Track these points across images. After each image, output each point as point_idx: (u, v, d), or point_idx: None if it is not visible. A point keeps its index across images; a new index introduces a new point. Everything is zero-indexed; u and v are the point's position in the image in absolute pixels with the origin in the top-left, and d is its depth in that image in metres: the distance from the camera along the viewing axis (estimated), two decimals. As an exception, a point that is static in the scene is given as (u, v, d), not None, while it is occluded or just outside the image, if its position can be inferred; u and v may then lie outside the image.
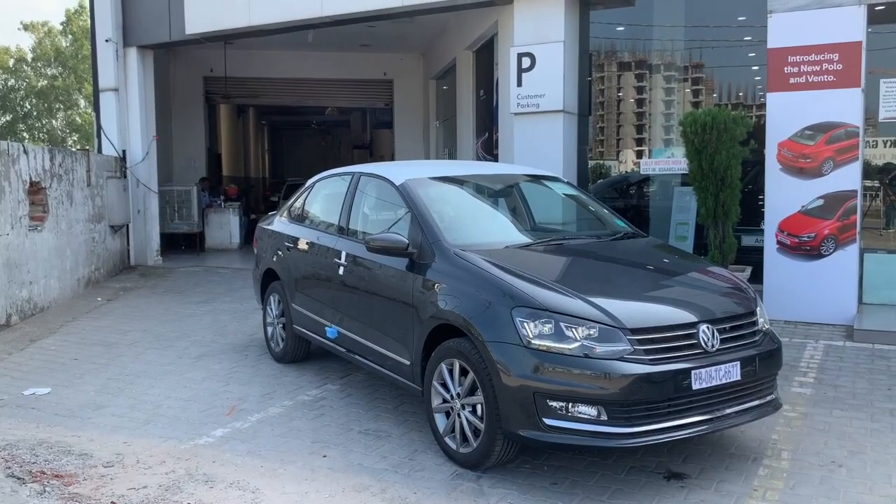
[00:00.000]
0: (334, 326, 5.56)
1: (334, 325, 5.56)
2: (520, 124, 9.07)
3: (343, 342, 5.51)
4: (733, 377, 3.97)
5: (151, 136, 12.53)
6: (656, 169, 9.31)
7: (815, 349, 6.51)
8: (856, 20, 7.03)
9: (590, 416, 3.77)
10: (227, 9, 10.98)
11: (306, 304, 5.98)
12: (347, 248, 5.45)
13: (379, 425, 4.96)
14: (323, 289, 5.77)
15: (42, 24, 41.38)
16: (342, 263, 5.43)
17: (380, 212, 5.59)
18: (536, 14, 8.84)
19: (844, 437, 4.62)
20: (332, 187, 6.24)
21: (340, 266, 5.44)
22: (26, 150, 8.81)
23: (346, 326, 5.44)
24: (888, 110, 7.22)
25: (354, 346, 5.37)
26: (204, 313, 8.74)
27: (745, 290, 4.57)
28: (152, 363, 6.63)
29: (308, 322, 5.96)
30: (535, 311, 3.92)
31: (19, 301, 8.37)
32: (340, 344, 5.55)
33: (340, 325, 5.51)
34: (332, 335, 5.57)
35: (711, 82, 10.11)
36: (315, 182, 6.58)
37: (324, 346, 5.86)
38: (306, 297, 6.00)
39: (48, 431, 4.96)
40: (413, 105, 17.08)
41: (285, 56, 16.12)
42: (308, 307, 5.95)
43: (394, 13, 10.06)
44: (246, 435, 4.86)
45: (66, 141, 42.26)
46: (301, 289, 6.08)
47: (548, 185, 6.03)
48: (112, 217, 11.41)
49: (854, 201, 7.18)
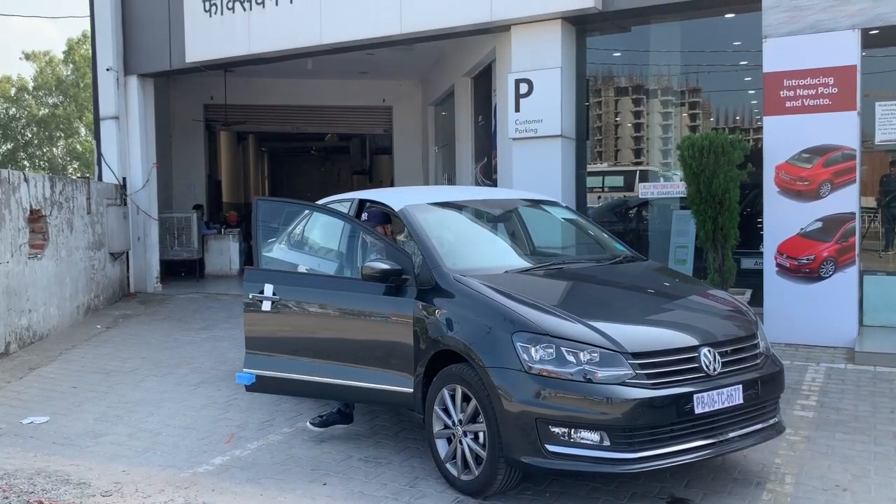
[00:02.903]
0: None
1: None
2: (518, 149, 9.12)
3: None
4: (735, 401, 3.96)
5: (152, 164, 12.58)
6: (654, 193, 9.34)
7: (817, 372, 6.49)
8: (850, 44, 7.10)
9: (592, 442, 3.75)
10: (228, 37, 11.08)
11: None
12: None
13: (379, 452, 4.93)
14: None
15: (44, 54, 41.69)
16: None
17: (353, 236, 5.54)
18: (533, 41, 8.93)
19: (848, 460, 4.59)
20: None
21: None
22: (27, 178, 8.84)
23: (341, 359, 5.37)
24: (884, 133, 7.26)
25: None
26: (203, 340, 8.71)
27: (745, 313, 4.57)
28: (151, 391, 6.60)
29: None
30: (535, 336, 3.92)
31: (18, 329, 8.35)
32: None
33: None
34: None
35: (708, 106, 10.18)
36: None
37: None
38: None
39: (46, 460, 4.93)
40: (412, 131, 17.16)
41: (285, 83, 16.23)
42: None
43: (392, 41, 10.15)
44: (245, 463, 4.82)
45: (67, 169, 42.39)
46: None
47: (547, 210, 6.04)
48: (112, 244, 11.42)
49: (852, 223, 7.19)
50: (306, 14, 10.32)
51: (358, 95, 16.93)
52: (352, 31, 10.08)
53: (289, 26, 10.49)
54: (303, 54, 11.19)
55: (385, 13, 9.69)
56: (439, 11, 9.35)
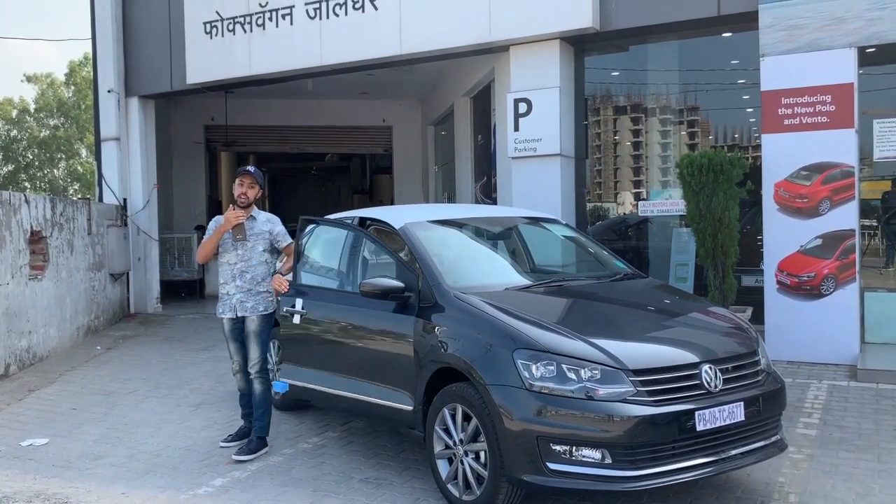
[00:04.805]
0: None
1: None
2: (518, 168, 9.15)
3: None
4: (737, 418, 3.94)
5: (152, 185, 12.62)
6: (654, 211, 9.36)
7: (819, 389, 6.46)
8: (847, 62, 7.14)
9: (594, 460, 3.73)
10: (228, 59, 11.16)
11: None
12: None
13: (380, 473, 4.90)
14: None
15: (45, 76, 41.96)
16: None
17: (380, 256, 5.59)
18: (532, 61, 8.99)
19: (852, 478, 4.56)
20: (331, 232, 6.26)
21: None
22: (28, 199, 8.86)
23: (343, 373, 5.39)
24: (882, 150, 7.28)
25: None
26: (203, 360, 8.69)
27: (746, 330, 4.56)
28: (151, 412, 6.57)
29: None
30: (536, 353, 3.91)
31: (18, 351, 8.33)
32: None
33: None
34: (282, 389, 5.62)
35: (707, 124, 10.22)
36: (315, 227, 6.58)
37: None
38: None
39: (45, 483, 4.90)
40: (412, 150, 17.23)
41: (285, 104, 16.32)
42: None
43: (392, 62, 10.22)
44: (245, 484, 4.79)
45: (68, 190, 42.51)
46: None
47: (547, 228, 6.05)
48: (112, 265, 11.42)
49: (852, 240, 7.20)
50: (306, 35, 10.40)
51: (358, 115, 17.02)
52: (352, 52, 10.15)
53: (289, 47, 10.57)
54: (303, 75, 11.27)
55: (385, 34, 9.77)
56: (438, 32, 9.43)
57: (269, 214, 5.68)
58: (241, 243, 5.38)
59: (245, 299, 5.38)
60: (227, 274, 5.42)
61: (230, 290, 5.40)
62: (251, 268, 5.40)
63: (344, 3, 10.08)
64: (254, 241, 5.42)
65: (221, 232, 5.36)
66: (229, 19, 11.10)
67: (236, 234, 5.34)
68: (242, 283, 5.38)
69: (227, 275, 5.42)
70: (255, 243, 5.42)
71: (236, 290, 5.39)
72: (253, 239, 5.42)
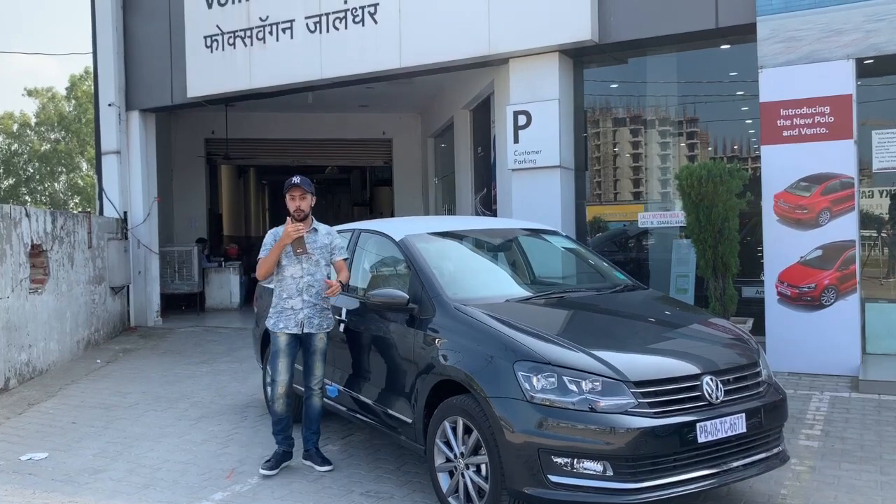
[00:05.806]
0: (335, 385, 5.51)
1: (335, 383, 5.52)
2: (518, 180, 9.17)
3: (343, 401, 5.46)
4: (739, 429, 3.93)
5: (153, 198, 12.65)
6: (654, 222, 9.37)
7: (821, 401, 6.44)
8: (845, 74, 7.17)
9: (595, 472, 3.72)
10: (229, 72, 11.20)
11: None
12: (347, 304, 5.45)
13: (381, 486, 4.88)
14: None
15: (46, 90, 42.10)
16: (342, 320, 5.41)
17: (380, 267, 5.60)
18: (531, 73, 9.02)
19: (854, 490, 4.54)
20: None
21: (341, 323, 5.42)
22: (28, 213, 8.87)
23: (348, 385, 5.40)
24: (881, 161, 7.30)
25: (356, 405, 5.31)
26: (203, 374, 8.67)
27: (746, 342, 4.55)
28: (151, 425, 6.55)
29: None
30: (537, 365, 3.90)
31: (18, 364, 8.32)
32: (341, 403, 5.50)
33: (341, 384, 5.47)
34: (333, 394, 5.53)
35: (706, 136, 10.23)
36: None
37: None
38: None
39: (45, 498, 4.87)
40: (412, 163, 17.27)
41: (285, 117, 16.37)
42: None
43: (392, 75, 10.27)
44: (245, 499, 4.77)
45: (68, 203, 42.57)
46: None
47: (547, 239, 6.05)
48: (113, 278, 11.42)
49: (852, 251, 7.20)
50: (307, 49, 10.45)
51: (358, 128, 17.06)
52: (351, 65, 10.20)
53: (289, 61, 10.62)
54: (303, 88, 11.31)
55: (384, 48, 9.82)
56: (438, 46, 9.47)
57: (328, 227, 5.46)
58: (306, 257, 5.17)
59: (313, 315, 5.17)
60: (293, 288, 5.16)
61: (296, 305, 5.14)
62: (317, 282, 5.18)
63: (344, 16, 10.14)
64: (318, 255, 5.21)
65: (281, 247, 5.10)
66: (230, 33, 11.15)
67: (296, 249, 5.07)
68: (309, 298, 5.15)
69: (293, 289, 5.16)
70: (318, 257, 5.21)
71: (303, 305, 5.14)
72: (318, 253, 5.21)
